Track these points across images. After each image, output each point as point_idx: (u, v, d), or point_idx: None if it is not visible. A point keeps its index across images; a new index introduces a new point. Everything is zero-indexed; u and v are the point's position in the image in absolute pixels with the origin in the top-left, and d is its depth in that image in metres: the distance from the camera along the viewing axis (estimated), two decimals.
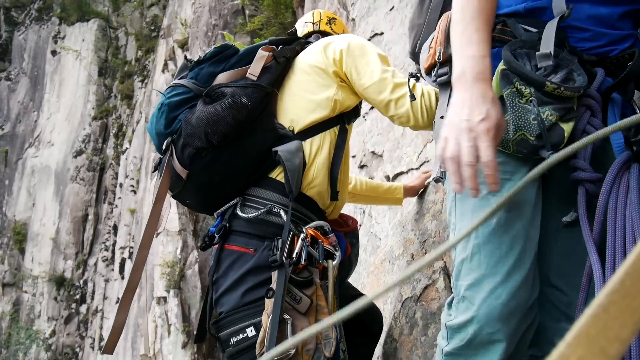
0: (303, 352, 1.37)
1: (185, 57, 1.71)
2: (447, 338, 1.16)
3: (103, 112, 13.46)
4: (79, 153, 13.22)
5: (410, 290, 2.13)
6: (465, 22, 1.06)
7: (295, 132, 1.59)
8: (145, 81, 11.92)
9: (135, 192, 10.42)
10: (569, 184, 1.10)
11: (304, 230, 1.46)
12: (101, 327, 10.69)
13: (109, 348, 1.58)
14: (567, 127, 1.08)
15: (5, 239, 14.99)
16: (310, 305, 1.39)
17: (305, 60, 1.70)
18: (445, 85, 1.30)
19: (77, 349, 11.52)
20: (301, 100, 1.63)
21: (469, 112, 0.98)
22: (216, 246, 1.52)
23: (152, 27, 13.21)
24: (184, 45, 9.89)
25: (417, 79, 1.61)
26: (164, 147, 1.57)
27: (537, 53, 1.08)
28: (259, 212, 1.48)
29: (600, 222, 1.03)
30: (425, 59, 1.40)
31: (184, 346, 7.56)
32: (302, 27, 2.03)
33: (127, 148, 11.44)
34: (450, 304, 1.20)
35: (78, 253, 12.26)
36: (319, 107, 1.62)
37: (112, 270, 10.83)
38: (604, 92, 1.12)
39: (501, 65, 1.12)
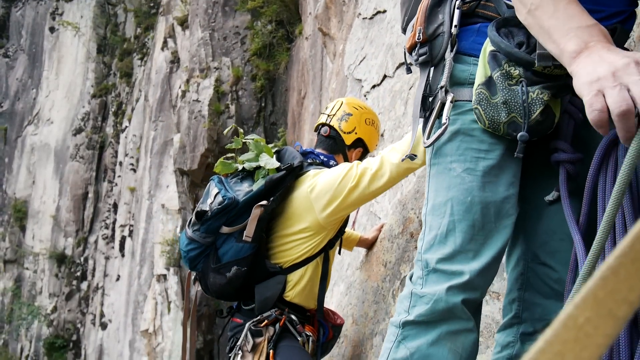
0: None
1: (198, 213, 2.07)
2: (408, 308, 1.16)
3: (102, 90, 13.36)
4: (79, 131, 13.17)
5: (409, 268, 2.14)
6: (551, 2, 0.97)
7: (284, 267, 2.08)
8: (145, 59, 11.81)
9: (134, 170, 10.42)
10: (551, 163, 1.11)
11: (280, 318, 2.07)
12: (102, 304, 10.80)
13: None
14: (557, 111, 1.07)
15: (5, 216, 15.04)
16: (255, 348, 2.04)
17: (295, 204, 2.09)
18: (425, 64, 1.32)
19: (79, 325, 11.66)
20: (289, 245, 2.09)
21: (612, 60, 0.84)
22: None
23: (152, 4, 13.02)
24: (183, 23, 9.76)
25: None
26: (194, 277, 2.24)
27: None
28: (252, 306, 2.13)
29: (588, 203, 1.03)
30: (407, 39, 1.41)
31: (183, 323, 7.64)
32: (321, 115, 2.38)
33: (126, 126, 11.39)
34: (411, 278, 1.21)
35: (78, 231, 12.31)
36: (303, 252, 2.08)
37: (113, 248, 10.89)
38: None
39: (489, 46, 1.11)
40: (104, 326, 10.44)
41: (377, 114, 3.25)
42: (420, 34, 1.30)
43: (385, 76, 3.54)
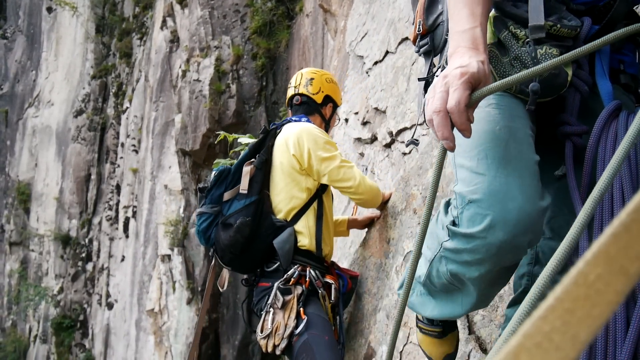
0: (275, 335, 2.12)
1: (199, 188, 2.39)
2: (450, 235, 1.06)
3: (102, 71, 13.26)
4: (79, 113, 13.12)
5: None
6: (454, 1, 1.07)
7: (289, 219, 2.30)
8: (144, 38, 11.68)
9: (136, 151, 10.41)
10: (559, 139, 1.11)
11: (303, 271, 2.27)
12: (107, 284, 10.92)
13: None
14: (569, 70, 1.08)
15: (9, 199, 15.12)
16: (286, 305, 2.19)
17: (277, 158, 2.37)
18: (427, 54, 1.39)
19: (85, 305, 11.80)
20: (285, 196, 2.31)
21: (451, 67, 0.95)
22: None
23: None
24: (182, 1, 9.63)
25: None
26: (210, 253, 2.44)
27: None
28: (276, 265, 2.30)
29: (589, 174, 1.03)
30: (411, 32, 1.46)
31: (189, 302, 7.73)
32: (288, 90, 2.66)
33: (127, 107, 11.34)
34: (447, 206, 1.12)
35: (82, 212, 12.37)
36: (297, 198, 2.31)
37: (117, 229, 10.95)
38: (590, 40, 1.12)
39: (493, 13, 1.12)
40: (110, 306, 10.57)
41: (380, 90, 3.22)
42: (420, 26, 1.33)
43: (387, 52, 3.50)
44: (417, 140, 1.54)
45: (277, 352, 2.12)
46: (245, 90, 8.54)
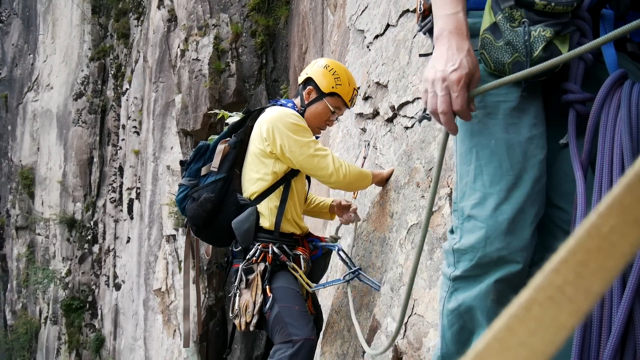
0: (245, 313, 2.22)
1: (180, 162, 2.53)
2: (454, 263, 1.19)
3: (100, 53, 13.13)
4: (79, 95, 13.05)
5: (416, 217, 2.14)
6: None
7: (252, 199, 2.39)
8: (141, 18, 11.53)
9: (138, 133, 10.38)
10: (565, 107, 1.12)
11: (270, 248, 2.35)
12: (114, 266, 11.02)
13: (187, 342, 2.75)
14: (564, 49, 1.08)
15: (13, 183, 15.16)
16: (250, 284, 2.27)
17: (252, 140, 2.43)
18: (431, 32, 1.44)
19: (93, 287, 11.95)
20: (253, 176, 2.40)
21: (444, 64, 1.06)
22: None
23: None
24: None
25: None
26: (184, 223, 2.59)
27: None
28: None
29: (590, 141, 1.05)
30: (412, 4, 1.48)
31: (195, 281, 7.80)
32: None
33: (127, 89, 11.27)
34: (452, 231, 1.24)
35: (86, 195, 12.42)
36: (263, 180, 2.37)
37: (121, 211, 11.00)
38: (593, 9, 1.11)
39: None
40: (117, 287, 10.69)
41: (381, 64, 3.18)
42: (421, 5, 1.34)
43: (388, 25, 3.44)
44: (429, 115, 1.53)
45: (251, 329, 2.23)
46: (245, 68, 8.46)
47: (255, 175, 2.39)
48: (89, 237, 12.17)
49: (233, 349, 7.94)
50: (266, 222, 2.36)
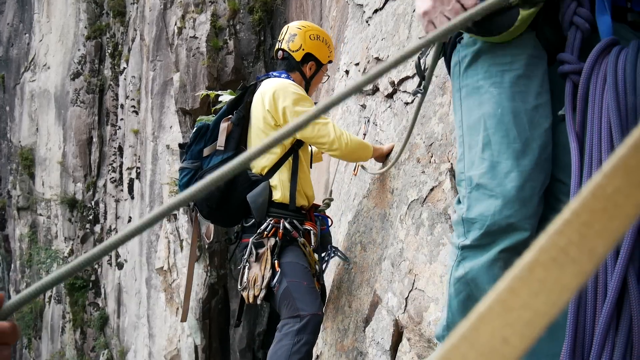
0: (254, 287, 2.25)
1: (179, 145, 2.52)
2: (464, 233, 1.19)
3: (96, 31, 12.97)
4: (77, 75, 12.94)
5: (417, 193, 2.14)
6: None
7: (264, 174, 2.39)
8: None
9: (136, 112, 10.32)
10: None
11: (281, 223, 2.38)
12: None
13: (184, 317, 2.69)
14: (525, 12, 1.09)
15: (14, 164, 15.14)
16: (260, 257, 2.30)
17: (254, 114, 2.43)
18: None
19: (96, 266, 12.04)
20: None
21: None
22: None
23: None
24: None
25: None
26: (191, 207, 2.53)
27: None
28: (253, 220, 2.41)
29: (582, 111, 1.06)
30: None
31: (197, 259, 7.87)
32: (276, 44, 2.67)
33: (124, 68, 11.16)
34: (459, 201, 1.25)
35: (86, 175, 12.42)
36: (271, 153, 2.37)
37: (122, 190, 11.02)
38: None
39: None
40: (120, 266, 10.78)
41: (380, 39, 3.14)
42: None
43: None
44: (422, 89, 1.57)
45: (258, 302, 2.26)
46: (243, 45, 8.36)
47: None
48: (91, 217, 12.22)
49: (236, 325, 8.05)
50: (279, 195, 2.37)
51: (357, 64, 3.67)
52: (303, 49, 2.55)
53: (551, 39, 1.19)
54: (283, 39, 2.59)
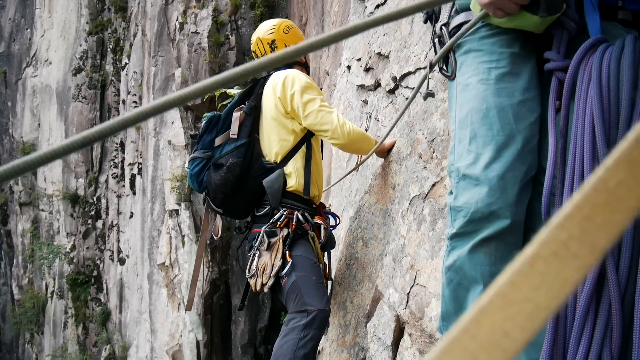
0: (263, 274, 2.24)
1: (191, 135, 2.50)
2: (452, 222, 1.26)
3: (98, 27, 12.96)
4: (78, 71, 12.94)
5: (418, 188, 2.14)
6: None
7: (278, 162, 2.40)
8: None
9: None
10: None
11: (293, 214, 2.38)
12: (118, 241, 11.12)
13: (190, 306, 2.68)
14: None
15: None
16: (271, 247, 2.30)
17: (266, 103, 2.45)
18: (430, 18, 1.52)
19: (98, 261, 12.08)
20: (274, 139, 2.41)
21: None
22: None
23: None
24: None
25: None
26: (203, 197, 2.52)
27: None
28: (266, 209, 2.41)
29: (567, 106, 1.10)
30: None
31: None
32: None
33: (126, 63, 11.15)
34: (450, 192, 1.31)
35: (88, 171, 12.44)
36: (285, 140, 2.39)
37: (123, 186, 11.04)
38: None
39: None
40: (122, 261, 10.81)
41: (382, 34, 3.13)
42: None
43: None
44: (432, 92, 1.62)
45: (265, 290, 2.26)
46: (245, 41, 8.35)
47: (276, 137, 2.41)
48: (92, 212, 12.25)
49: (237, 321, 8.08)
50: (293, 182, 2.38)
51: (358, 59, 3.66)
52: (287, 45, 2.61)
53: (541, 38, 1.23)
54: (264, 51, 2.64)
